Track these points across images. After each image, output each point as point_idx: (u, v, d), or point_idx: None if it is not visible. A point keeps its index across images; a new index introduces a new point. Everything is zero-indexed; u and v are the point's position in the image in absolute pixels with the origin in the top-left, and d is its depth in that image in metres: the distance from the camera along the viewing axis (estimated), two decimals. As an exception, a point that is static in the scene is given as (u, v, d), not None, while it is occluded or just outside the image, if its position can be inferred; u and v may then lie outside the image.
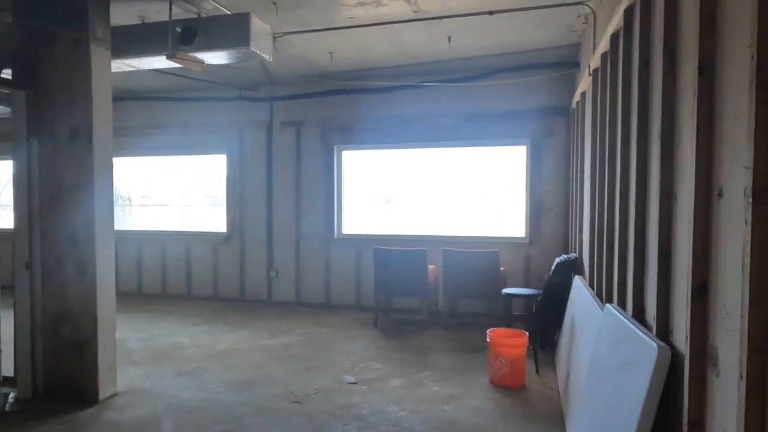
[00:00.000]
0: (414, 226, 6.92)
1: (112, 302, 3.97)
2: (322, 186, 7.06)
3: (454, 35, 4.94)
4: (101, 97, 3.82)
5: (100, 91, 3.80)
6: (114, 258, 4.00)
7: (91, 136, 3.74)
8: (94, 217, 3.76)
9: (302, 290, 7.19)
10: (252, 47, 4.01)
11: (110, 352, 3.92)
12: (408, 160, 6.98)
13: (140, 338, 5.57)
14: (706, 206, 1.44)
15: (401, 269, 5.81)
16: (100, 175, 3.80)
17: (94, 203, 3.77)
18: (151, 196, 8.37)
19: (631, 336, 1.95)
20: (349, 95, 6.72)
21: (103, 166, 3.83)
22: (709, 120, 1.44)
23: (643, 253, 2.15)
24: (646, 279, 2.11)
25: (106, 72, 3.88)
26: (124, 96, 7.63)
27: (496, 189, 6.66)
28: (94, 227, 3.76)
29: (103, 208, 3.84)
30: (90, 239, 3.77)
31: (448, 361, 4.71)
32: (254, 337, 5.57)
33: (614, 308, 2.33)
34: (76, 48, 3.73)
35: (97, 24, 3.77)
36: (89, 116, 3.74)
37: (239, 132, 7.41)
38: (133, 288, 7.89)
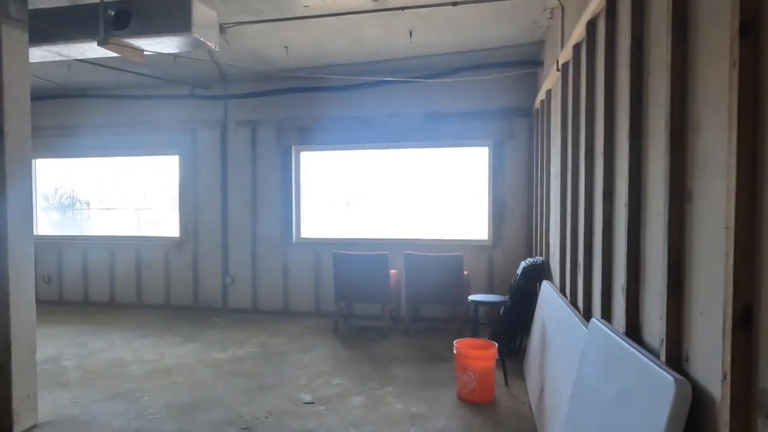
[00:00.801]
0: (375, 230, 6.49)
1: (31, 321, 3.35)
2: (279, 188, 6.55)
3: (416, 29, 4.56)
4: (16, 87, 3.22)
5: (13, 78, 3.19)
6: (33, 270, 3.38)
7: (2, 134, 3.12)
8: (7, 225, 3.15)
9: (259, 297, 6.65)
10: (195, 34, 3.48)
11: (29, 378, 3.31)
12: (368, 162, 6.55)
13: (77, 354, 4.90)
14: (748, 206, 1.07)
15: (362, 274, 5.37)
16: (14, 177, 3.19)
17: (6, 208, 3.15)
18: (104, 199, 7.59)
19: (631, 360, 1.58)
20: (306, 94, 6.23)
21: (17, 167, 3.22)
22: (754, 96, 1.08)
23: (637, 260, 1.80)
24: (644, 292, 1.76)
25: (21, 57, 3.28)
26: (68, 93, 6.89)
27: (458, 191, 6.32)
28: (7, 235, 3.15)
29: (18, 214, 3.23)
30: (2, 250, 3.14)
31: (411, 372, 4.29)
32: (204, 350, 5.00)
33: (602, 324, 1.96)
34: (-15, 29, 3.11)
35: (10, 1, 3.16)
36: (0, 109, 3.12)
37: (192, 132, 6.81)
38: (79, 297, 7.14)
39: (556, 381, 2.61)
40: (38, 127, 7.30)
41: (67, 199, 7.72)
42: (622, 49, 2.00)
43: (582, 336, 2.22)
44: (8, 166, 3.14)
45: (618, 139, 2.06)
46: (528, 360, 3.97)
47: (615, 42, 2.14)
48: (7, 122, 3.13)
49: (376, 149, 6.39)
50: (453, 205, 6.31)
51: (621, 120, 2.02)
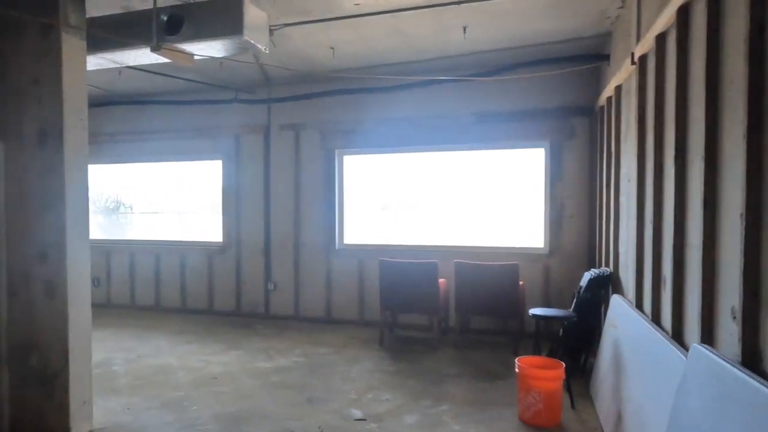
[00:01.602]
0: (422, 237, 6.36)
1: (87, 328, 3.39)
2: (322, 193, 6.52)
3: (470, 25, 4.41)
4: (74, 94, 3.27)
5: (72, 86, 3.25)
6: (89, 278, 3.43)
7: (61, 139, 3.19)
8: (65, 231, 3.20)
9: (302, 304, 6.63)
10: (246, 36, 3.46)
11: (84, 385, 3.34)
12: (415, 165, 6.43)
13: (126, 359, 4.99)
14: None
15: (410, 283, 5.24)
16: (72, 183, 3.24)
17: (66, 215, 3.20)
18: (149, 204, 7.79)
19: (765, 401, 1.38)
20: (351, 96, 6.18)
21: (75, 173, 3.27)
22: None
23: (756, 278, 1.60)
24: (766, 315, 1.56)
25: (79, 65, 3.33)
26: (117, 100, 7.10)
27: (511, 196, 6.10)
28: (66, 243, 3.20)
29: (75, 221, 3.27)
30: (60, 256, 3.20)
31: (466, 390, 4.13)
32: (249, 359, 4.99)
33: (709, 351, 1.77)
34: (45, 36, 3.19)
35: (69, 9, 3.22)
36: (59, 116, 3.19)
37: (235, 136, 6.88)
38: (125, 300, 7.34)
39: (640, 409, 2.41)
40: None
41: (112, 202, 7.96)
42: (732, 36, 1.81)
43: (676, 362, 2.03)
44: (67, 173, 3.19)
45: (725, 139, 1.86)
46: (596, 381, 3.73)
47: (719, 29, 1.94)
48: (66, 130, 3.19)
49: (423, 152, 6.27)
50: (506, 211, 6.10)
51: (730, 118, 1.83)
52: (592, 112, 5.41)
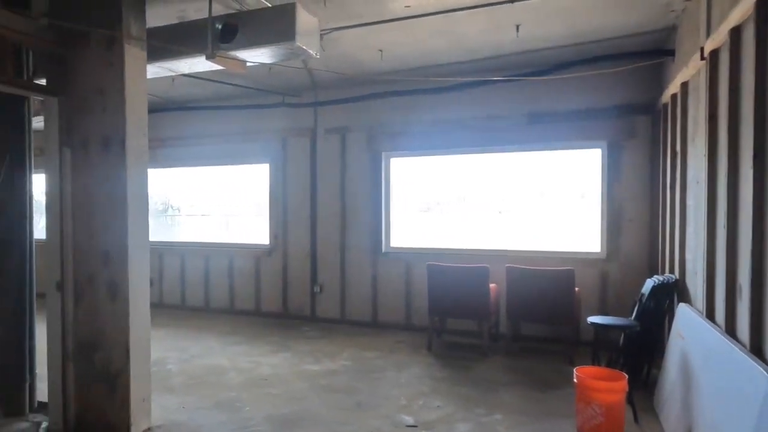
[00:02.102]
0: (471, 240, 6.30)
1: (147, 328, 3.56)
2: (368, 196, 6.57)
3: (524, 23, 4.34)
4: (135, 102, 3.44)
5: (133, 95, 3.41)
6: (148, 279, 3.59)
7: (123, 145, 3.35)
8: (127, 234, 3.36)
9: (347, 307, 6.70)
10: (298, 42, 3.54)
11: (144, 383, 3.50)
12: (464, 167, 6.39)
13: (179, 359, 5.19)
14: None
15: (459, 288, 5.21)
16: (133, 188, 3.41)
17: (127, 218, 3.37)
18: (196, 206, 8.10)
19: None
20: (398, 97, 6.20)
21: (136, 178, 3.44)
22: None
23: None
24: None
25: (141, 74, 3.50)
26: (168, 107, 7.41)
27: (566, 198, 5.95)
28: (128, 244, 3.36)
29: (136, 224, 3.43)
30: (123, 257, 3.37)
31: (520, 399, 4.05)
32: (297, 361, 5.09)
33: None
34: (109, 48, 3.37)
35: (131, 21, 3.40)
36: (122, 123, 3.36)
37: (282, 140, 7.04)
38: (176, 301, 7.64)
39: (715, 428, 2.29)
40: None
41: (161, 205, 8.31)
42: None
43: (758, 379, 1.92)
44: (129, 179, 3.36)
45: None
46: (661, 395, 3.58)
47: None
48: (128, 136, 3.35)
49: (473, 153, 6.21)
50: (559, 214, 5.96)
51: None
52: (653, 111, 5.20)
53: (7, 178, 3.68)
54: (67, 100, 3.48)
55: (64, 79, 3.48)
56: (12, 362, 3.75)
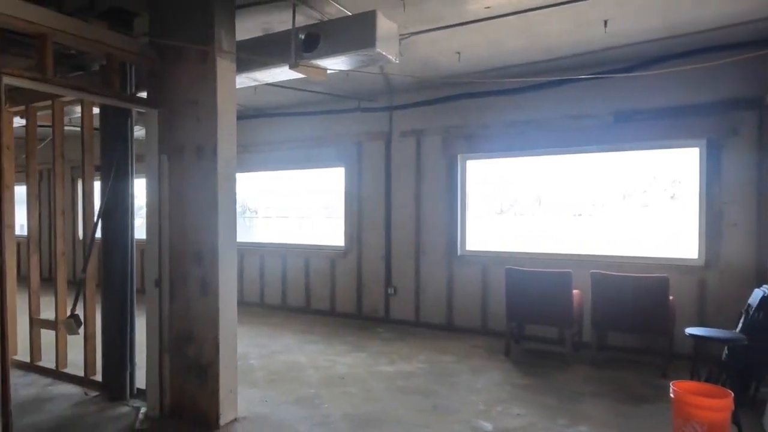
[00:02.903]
0: (550, 244, 6.16)
1: (234, 323, 3.83)
2: (444, 198, 6.61)
3: (612, 18, 4.21)
4: (226, 112, 3.72)
5: (224, 105, 3.70)
6: (236, 278, 3.87)
7: (215, 154, 3.64)
8: (218, 235, 3.65)
9: (422, 310, 6.77)
10: (378, 48, 3.67)
11: (231, 376, 3.78)
12: (542, 169, 6.26)
13: (260, 354, 5.50)
14: None
15: (540, 293, 5.12)
16: (223, 193, 3.69)
17: (218, 220, 3.65)
18: (272, 208, 8.54)
19: None
20: (475, 99, 6.20)
21: (226, 183, 3.71)
22: None
23: None
24: None
25: (231, 85, 3.78)
26: (250, 114, 7.86)
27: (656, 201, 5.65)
28: (218, 245, 3.64)
29: (225, 226, 3.71)
30: (213, 257, 3.66)
31: (606, 411, 3.93)
32: (373, 362, 5.23)
33: None
34: (203, 62, 3.67)
35: (222, 36, 3.68)
36: (214, 132, 3.64)
37: (357, 144, 7.25)
38: (256, 299, 8.07)
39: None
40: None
41: (240, 207, 8.81)
42: None
43: None
44: (219, 183, 3.64)
45: None
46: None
47: None
48: (219, 144, 3.64)
49: (552, 155, 6.08)
50: (648, 218, 5.68)
51: None
52: (761, 106, 4.83)
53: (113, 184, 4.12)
54: (165, 112, 3.83)
55: (162, 92, 3.84)
56: (116, 352, 4.18)
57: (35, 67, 3.10)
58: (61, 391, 4.33)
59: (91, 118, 4.54)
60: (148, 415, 3.85)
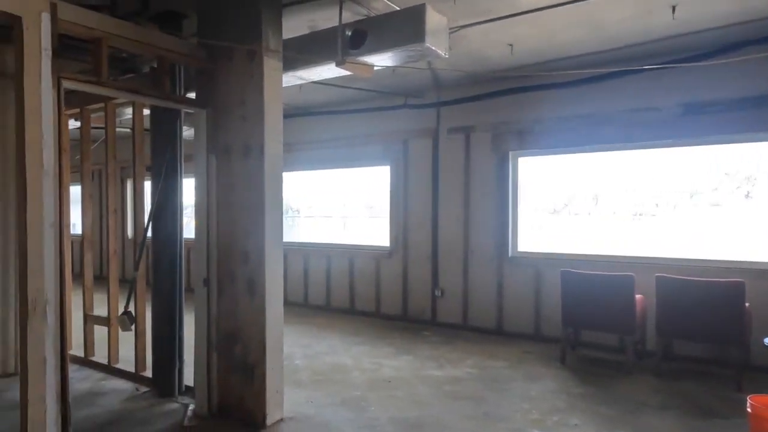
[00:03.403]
0: (608, 245, 5.90)
1: (280, 323, 3.86)
2: (494, 197, 6.45)
3: (681, 3, 3.96)
4: (273, 111, 3.75)
5: (271, 104, 3.73)
6: (282, 277, 3.89)
7: (262, 153, 3.67)
8: (264, 235, 3.68)
9: (470, 312, 6.65)
10: (427, 43, 3.60)
11: (278, 375, 3.81)
12: (602, 166, 6.00)
13: (305, 355, 5.54)
14: None
15: (599, 298, 4.90)
16: (269, 192, 3.71)
17: (264, 220, 3.68)
18: (316, 208, 8.61)
19: None
20: (527, 93, 6.02)
21: (272, 183, 3.74)
22: None
23: None
24: None
25: (277, 84, 3.81)
26: (294, 113, 7.95)
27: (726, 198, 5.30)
28: (264, 245, 3.68)
29: (272, 225, 3.74)
30: (260, 257, 3.69)
31: (674, 425, 3.70)
32: (420, 365, 5.16)
33: None
34: (250, 61, 3.71)
35: (270, 35, 3.71)
36: (261, 131, 3.68)
37: (403, 142, 7.20)
38: (300, 299, 8.16)
39: None
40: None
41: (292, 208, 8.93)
42: None
43: None
44: (266, 182, 3.67)
45: None
46: None
47: None
48: (266, 143, 3.67)
49: (612, 150, 5.81)
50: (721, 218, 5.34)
51: None
52: None
53: (163, 185, 4.24)
54: (213, 112, 3.91)
55: (210, 93, 3.91)
56: (165, 349, 4.31)
57: (91, 71, 3.22)
58: (113, 386, 4.50)
59: (142, 120, 4.70)
60: (196, 413, 3.94)
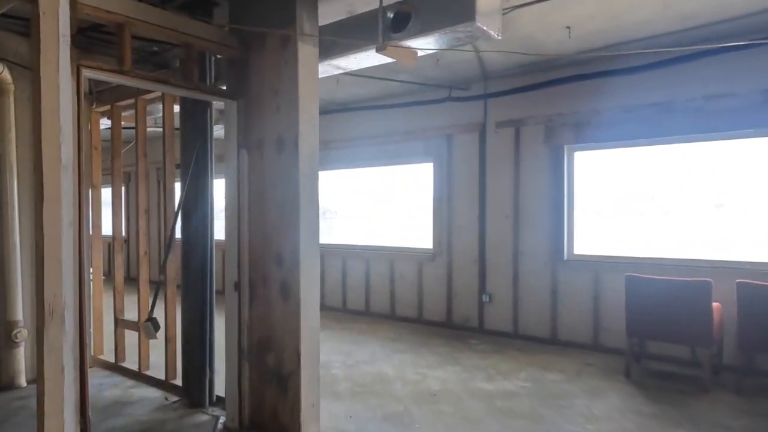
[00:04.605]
0: (683, 248, 5.40)
1: (316, 330, 3.62)
2: (546, 196, 6.06)
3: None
4: (308, 101, 3.52)
5: (306, 92, 3.50)
6: (319, 281, 3.66)
7: (297, 146, 3.44)
8: (299, 235, 3.45)
9: (521, 320, 6.27)
10: (478, 23, 3.29)
11: (313, 388, 3.57)
12: (671, 160, 5.52)
13: (344, 363, 5.32)
14: None
15: (670, 306, 4.47)
16: (305, 189, 3.48)
17: (299, 219, 3.45)
18: (354, 208, 8.38)
19: None
20: (585, 82, 5.61)
21: (308, 180, 3.51)
22: None
23: None
24: None
25: (313, 72, 3.58)
26: (331, 109, 7.76)
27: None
28: (299, 246, 3.45)
29: (307, 225, 3.51)
30: (295, 259, 3.47)
31: (766, 456, 3.27)
32: (468, 377, 4.84)
33: None
34: (284, 47, 3.50)
35: (304, 18, 3.49)
36: (295, 123, 3.46)
37: (447, 137, 6.89)
38: (338, 304, 7.97)
39: None
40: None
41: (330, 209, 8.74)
42: None
43: None
44: (301, 179, 3.44)
45: None
46: None
47: None
48: (301, 136, 3.45)
49: (681, 143, 5.33)
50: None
51: None
52: None
53: (192, 183, 4.09)
54: (245, 104, 3.72)
55: (242, 83, 3.73)
56: (196, 357, 4.15)
57: (115, 61, 3.08)
58: (142, 395, 4.39)
59: (172, 115, 4.58)
60: (227, 426, 3.76)
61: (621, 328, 4.97)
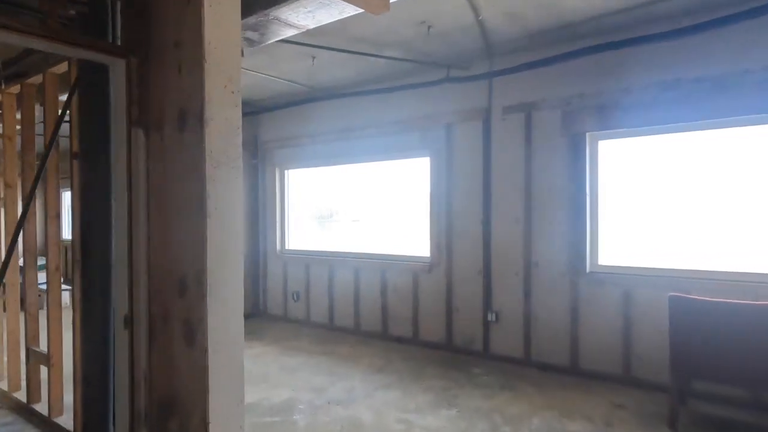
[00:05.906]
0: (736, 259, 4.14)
1: (238, 390, 2.44)
2: (565, 194, 4.85)
3: None
4: (221, 55, 2.35)
5: (219, 44, 2.34)
6: (242, 319, 2.47)
7: (201, 121, 2.27)
8: (205, 253, 2.27)
9: (534, 344, 5.08)
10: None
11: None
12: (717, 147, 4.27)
13: (311, 404, 4.19)
14: None
15: (728, 336, 3.23)
16: (216, 184, 2.31)
17: (206, 229, 2.28)
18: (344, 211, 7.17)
19: None
20: (611, 53, 4.40)
21: (223, 171, 2.33)
22: None
23: None
24: None
25: (229, 13, 2.40)
26: (310, 97, 6.63)
27: None
28: (205, 268, 2.27)
29: (221, 236, 2.33)
30: (200, 287, 2.30)
31: None
32: (467, 427, 3.67)
33: None
34: None
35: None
36: (200, 87, 2.28)
37: (446, 127, 5.71)
38: (324, 320, 6.87)
39: None
40: (289, 136, 7.38)
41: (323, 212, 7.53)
42: None
43: None
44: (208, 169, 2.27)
45: None
46: None
47: None
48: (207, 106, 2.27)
49: (735, 126, 4.08)
50: None
51: None
52: None
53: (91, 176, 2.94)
54: (140, 63, 2.56)
55: (139, 34, 2.57)
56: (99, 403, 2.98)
57: None
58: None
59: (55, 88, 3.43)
60: None
61: (659, 357, 3.95)
